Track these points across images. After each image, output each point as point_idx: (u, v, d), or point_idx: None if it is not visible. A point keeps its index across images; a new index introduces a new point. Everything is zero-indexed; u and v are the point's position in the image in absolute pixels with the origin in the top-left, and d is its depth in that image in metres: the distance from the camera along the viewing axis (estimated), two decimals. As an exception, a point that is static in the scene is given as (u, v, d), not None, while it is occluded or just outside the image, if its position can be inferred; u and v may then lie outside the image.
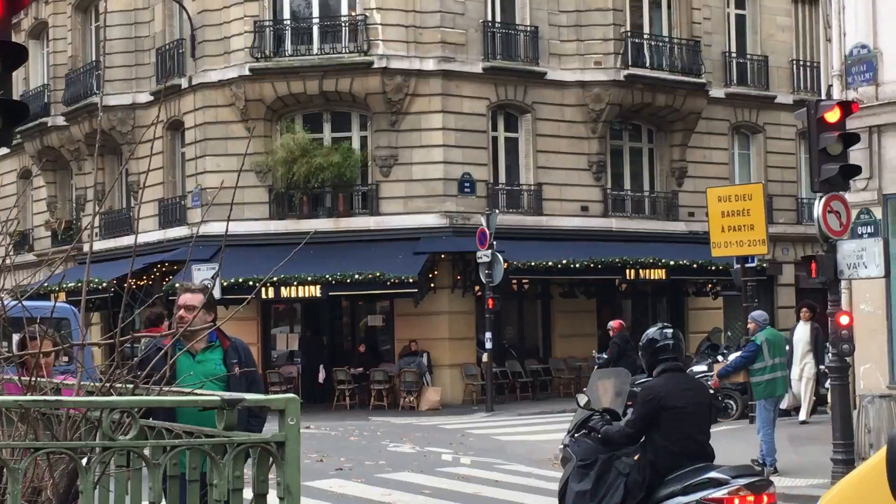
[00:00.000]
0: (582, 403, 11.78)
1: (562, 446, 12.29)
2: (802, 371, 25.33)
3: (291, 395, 4.49)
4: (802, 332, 25.54)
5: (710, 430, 10.81)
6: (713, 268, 36.58)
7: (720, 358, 28.53)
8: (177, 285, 9.24)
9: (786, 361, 20.76)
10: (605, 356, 28.86)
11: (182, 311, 9.06)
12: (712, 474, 10.23)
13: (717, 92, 41.72)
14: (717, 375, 21.85)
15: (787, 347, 22.97)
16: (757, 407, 20.16)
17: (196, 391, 5.01)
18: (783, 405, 22.35)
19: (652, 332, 11.02)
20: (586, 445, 11.21)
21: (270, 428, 4.66)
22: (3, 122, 10.69)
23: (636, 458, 10.53)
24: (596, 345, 39.37)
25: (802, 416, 25.33)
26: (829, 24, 23.12)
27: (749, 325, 20.97)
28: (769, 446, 19.36)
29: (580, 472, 11.03)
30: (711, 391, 24.34)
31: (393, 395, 35.23)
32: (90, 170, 43.61)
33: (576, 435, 11.73)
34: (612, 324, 29.52)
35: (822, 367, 24.02)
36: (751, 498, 10.12)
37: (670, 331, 10.98)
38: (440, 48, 36.52)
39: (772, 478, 15.67)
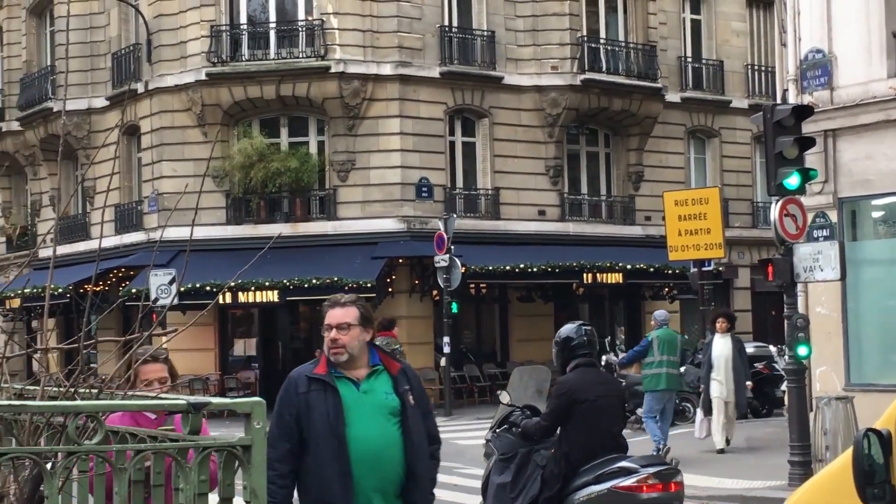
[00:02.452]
0: (504, 401, 12.18)
1: (484, 441, 12.68)
2: (725, 391, 22.28)
3: (258, 398, 4.50)
4: (723, 346, 22.56)
5: (623, 424, 11.34)
6: (670, 271, 36.74)
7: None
8: (325, 304, 7.51)
9: (677, 361, 22.05)
10: None
11: (334, 332, 7.26)
12: (622, 464, 10.69)
13: (672, 96, 41.91)
14: (617, 364, 24.44)
15: (704, 360, 22.75)
16: (644, 398, 21.89)
17: (162, 395, 5.01)
18: (699, 435, 22.50)
19: (569, 329, 11.30)
20: (507, 440, 11.68)
21: (231, 433, 4.67)
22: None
23: (553, 451, 10.93)
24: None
25: (720, 442, 22.39)
26: (784, 28, 23.29)
27: (652, 322, 22.59)
28: (653, 433, 21.25)
29: (501, 465, 11.57)
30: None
31: (351, 400, 35.14)
32: (45, 175, 43.37)
33: (497, 430, 12.07)
34: (383, 332, 29.89)
35: (749, 384, 23.91)
36: (658, 485, 10.70)
37: (586, 328, 11.31)
38: (397, 53, 36.55)
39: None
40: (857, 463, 6.18)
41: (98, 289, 35.85)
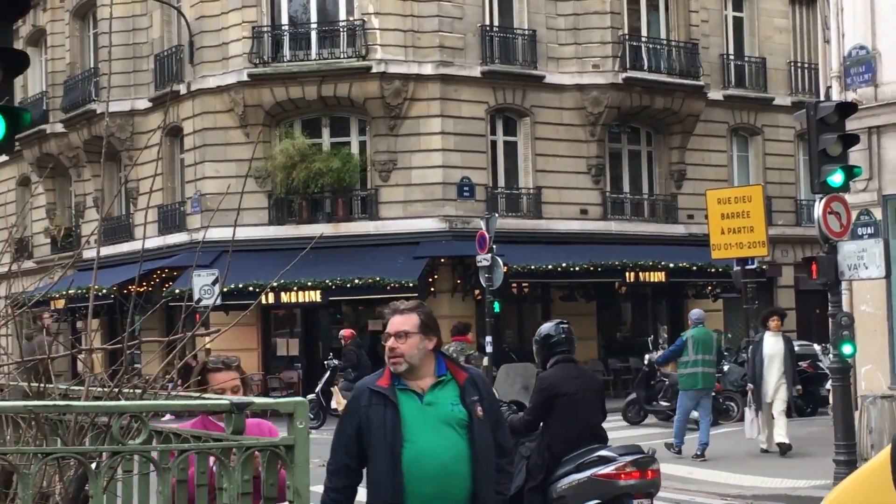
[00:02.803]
0: None
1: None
2: (777, 393, 21.91)
3: (300, 398, 4.51)
4: (775, 345, 22.18)
5: (603, 416, 11.73)
6: (713, 270, 36.56)
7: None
8: (386, 310, 7.15)
9: (713, 360, 22.24)
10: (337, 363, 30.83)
11: (391, 341, 6.95)
12: (602, 453, 11.20)
13: (715, 94, 41.72)
14: (655, 363, 24.65)
15: (754, 359, 22.37)
16: (679, 395, 22.18)
17: (205, 396, 5.02)
18: (750, 435, 22.27)
19: (548, 327, 12.05)
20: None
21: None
22: (5, 129, 10.72)
23: (536, 443, 11.45)
24: (597, 348, 39.45)
25: (765, 443, 22.04)
26: (828, 25, 23.14)
27: (689, 322, 22.85)
28: (676, 432, 21.69)
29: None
30: (714, 393, 24.53)
31: (394, 400, 35.15)
32: (89, 176, 43.58)
33: None
34: (344, 332, 30.01)
35: (797, 388, 23.48)
36: (636, 472, 11.23)
37: (564, 326, 12.05)
38: (438, 52, 36.55)
39: (700, 463, 19.44)
40: (895, 461, 6.07)
41: (142, 289, 35.99)
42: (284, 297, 34.38)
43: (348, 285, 33.72)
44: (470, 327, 21.30)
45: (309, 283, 33.84)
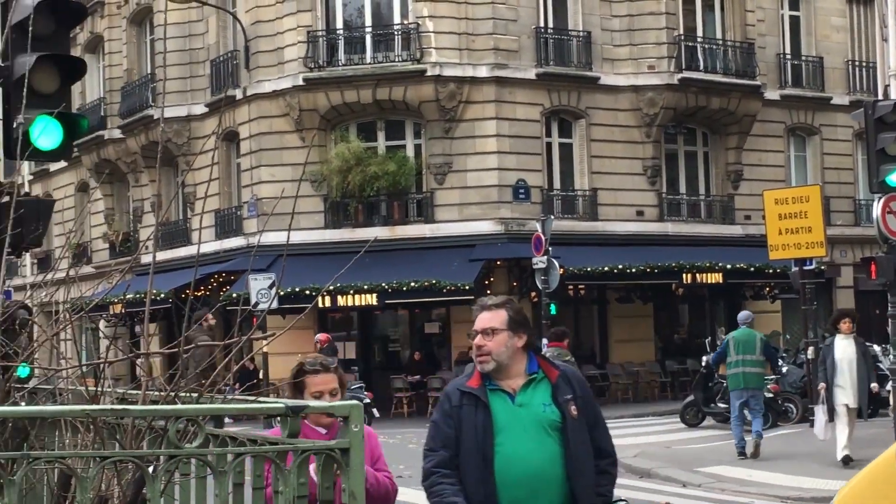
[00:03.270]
0: None
1: None
2: (852, 397, 20.72)
3: (355, 401, 4.51)
4: (846, 348, 20.81)
5: None
6: (771, 271, 36.33)
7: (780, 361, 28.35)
8: (473, 307, 6.79)
9: (756, 359, 22.12)
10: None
11: (478, 338, 6.60)
12: None
13: (771, 94, 41.48)
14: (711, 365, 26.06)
15: (825, 363, 21.85)
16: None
17: (260, 399, 5.04)
18: (823, 437, 21.85)
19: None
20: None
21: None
22: (63, 135, 10.82)
23: None
24: (654, 350, 39.32)
25: (844, 450, 20.50)
26: (885, 23, 22.97)
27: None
28: (735, 433, 21.78)
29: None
30: (771, 395, 24.42)
31: (451, 403, 35.16)
32: (146, 182, 43.90)
33: None
34: (320, 337, 29.73)
35: (874, 385, 22.74)
36: None
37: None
38: (493, 55, 36.55)
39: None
40: None
41: (199, 293, 36.21)
42: (341, 301, 34.49)
43: (404, 288, 33.78)
44: (567, 334, 21.50)
45: (365, 287, 33.92)
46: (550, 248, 32.66)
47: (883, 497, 6.60)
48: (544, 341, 33.01)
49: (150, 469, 4.41)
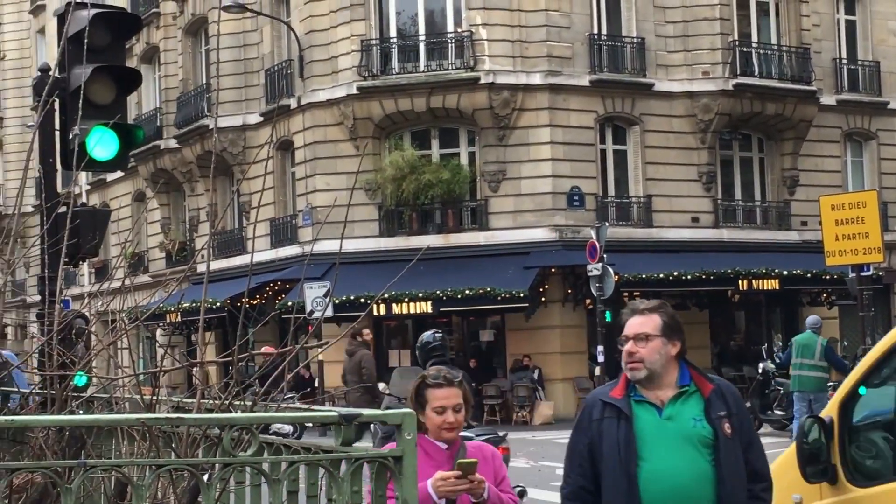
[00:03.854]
0: (385, 392, 15.66)
1: (371, 426, 15.94)
2: None
3: (408, 409, 4.52)
4: None
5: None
6: (827, 277, 36.05)
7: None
8: (622, 311, 6.44)
9: (816, 364, 22.86)
10: None
11: (630, 344, 6.17)
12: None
13: (827, 99, 41.18)
14: (774, 372, 26.84)
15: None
16: None
17: (315, 408, 5.06)
18: None
19: (427, 335, 15.42)
20: (388, 426, 14.84)
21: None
22: (119, 145, 10.90)
23: None
24: (710, 356, 39.10)
25: None
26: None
27: None
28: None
29: (382, 441, 14.23)
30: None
31: (506, 410, 35.18)
32: (202, 191, 44.16)
33: None
34: (266, 350, 29.43)
35: None
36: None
37: (438, 335, 15.77)
38: (546, 62, 36.52)
39: None
40: (799, 446, 7.16)
41: (255, 302, 36.38)
42: (396, 309, 34.55)
43: (459, 296, 33.80)
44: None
45: (420, 295, 33.96)
46: (605, 255, 32.57)
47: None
48: (600, 348, 33.04)
49: (205, 477, 4.44)
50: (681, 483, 5.97)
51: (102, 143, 10.65)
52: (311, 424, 21.41)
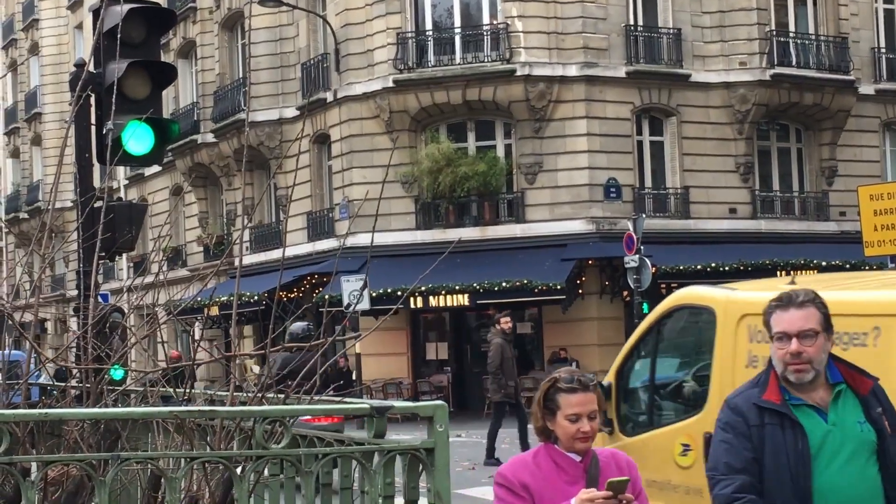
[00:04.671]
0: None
1: None
2: None
3: (440, 402, 4.52)
4: None
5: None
6: (867, 268, 35.82)
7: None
8: (771, 301, 5.50)
9: None
10: None
11: (794, 344, 5.40)
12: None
13: (866, 88, 40.92)
14: None
15: None
16: None
17: (347, 400, 5.07)
18: None
19: (297, 326, 16.92)
20: None
21: (420, 436, 4.69)
22: (155, 140, 10.95)
23: None
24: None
25: None
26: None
27: None
28: None
29: None
30: None
31: (543, 403, 35.06)
32: (239, 185, 44.28)
33: None
34: (172, 354, 28.80)
35: None
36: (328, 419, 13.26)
37: (308, 326, 18.32)
38: (582, 54, 36.44)
39: None
40: None
41: (293, 295, 36.43)
42: (433, 301, 34.55)
43: (496, 288, 33.76)
44: None
45: (457, 287, 33.95)
46: (642, 247, 32.49)
47: None
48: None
49: (238, 469, 4.45)
50: (855, 495, 5.41)
51: (137, 138, 10.68)
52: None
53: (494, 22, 36.81)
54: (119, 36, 9.47)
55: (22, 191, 65.91)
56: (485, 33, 36.84)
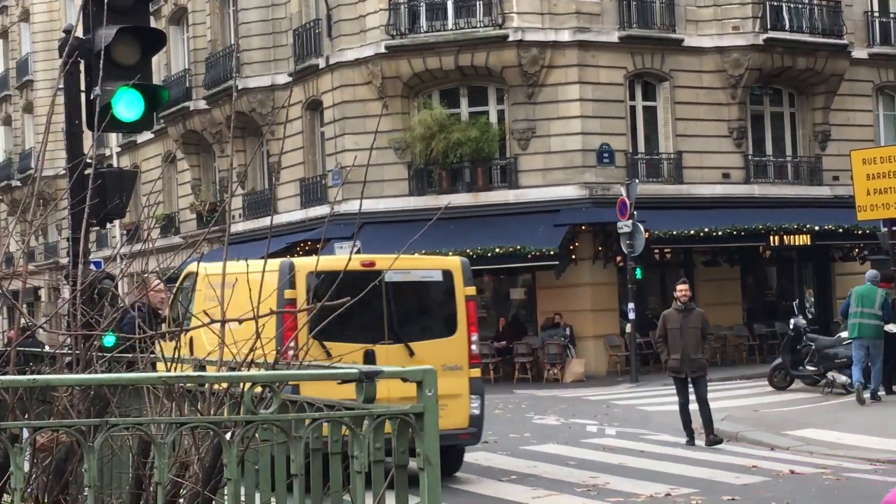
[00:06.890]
0: None
1: None
2: None
3: (429, 366, 4.51)
4: None
5: None
6: (859, 232, 35.88)
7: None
8: None
9: (874, 313, 23.86)
10: None
11: None
12: None
13: (859, 53, 40.87)
14: (805, 328, 27.47)
15: None
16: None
17: (336, 365, 5.05)
18: None
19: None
20: None
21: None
22: (144, 106, 10.91)
23: None
24: (741, 313, 38.99)
25: None
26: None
27: None
28: (853, 376, 23.59)
29: None
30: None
31: (537, 368, 35.19)
32: (231, 152, 44.19)
33: None
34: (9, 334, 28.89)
35: None
36: None
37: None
38: (575, 19, 36.34)
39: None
40: None
41: (285, 262, 36.36)
42: (426, 268, 34.49)
43: (489, 254, 33.75)
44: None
45: (450, 253, 33.83)
46: (635, 212, 32.54)
47: None
48: (630, 305, 32.99)
49: (227, 435, 4.45)
50: None
51: (127, 104, 10.65)
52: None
53: (487, -13, 36.69)
54: (107, 1, 9.42)
55: (14, 159, 65.72)
56: (477, -1, 36.75)
